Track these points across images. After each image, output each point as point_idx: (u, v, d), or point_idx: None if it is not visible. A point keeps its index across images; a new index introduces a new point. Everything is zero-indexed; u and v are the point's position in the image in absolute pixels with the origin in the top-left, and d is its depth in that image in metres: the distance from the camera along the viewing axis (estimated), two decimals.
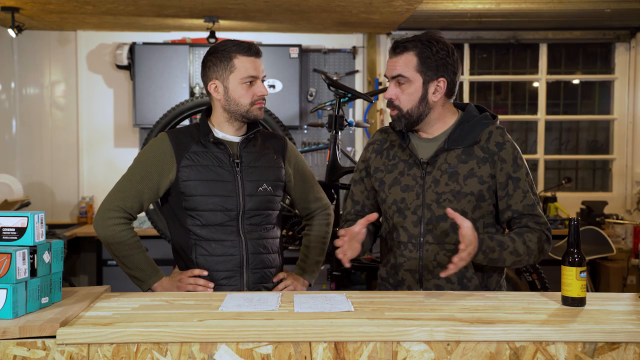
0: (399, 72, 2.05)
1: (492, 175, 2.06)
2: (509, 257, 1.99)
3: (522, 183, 2.07)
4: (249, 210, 2.22)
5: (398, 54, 2.06)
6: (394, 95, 2.07)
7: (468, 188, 2.05)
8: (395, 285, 2.14)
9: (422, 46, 2.04)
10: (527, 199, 2.06)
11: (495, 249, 1.96)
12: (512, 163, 2.07)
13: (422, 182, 2.09)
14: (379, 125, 5.78)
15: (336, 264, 3.82)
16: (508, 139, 2.11)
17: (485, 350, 1.62)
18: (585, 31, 5.88)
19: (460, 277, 2.08)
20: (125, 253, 2.21)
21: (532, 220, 2.06)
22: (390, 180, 2.14)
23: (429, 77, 2.05)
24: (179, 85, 5.42)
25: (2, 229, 1.73)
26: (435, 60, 2.04)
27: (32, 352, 1.58)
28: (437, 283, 2.08)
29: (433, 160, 2.09)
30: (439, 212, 2.06)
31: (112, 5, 4.60)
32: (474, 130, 2.09)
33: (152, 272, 2.24)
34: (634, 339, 1.62)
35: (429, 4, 4.83)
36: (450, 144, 2.08)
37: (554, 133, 6.19)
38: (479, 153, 2.07)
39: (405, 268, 2.11)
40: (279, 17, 5.03)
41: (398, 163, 2.15)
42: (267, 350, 1.61)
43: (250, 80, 2.20)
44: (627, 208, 5.96)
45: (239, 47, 2.20)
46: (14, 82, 5.63)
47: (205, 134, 2.23)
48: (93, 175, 5.71)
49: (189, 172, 2.19)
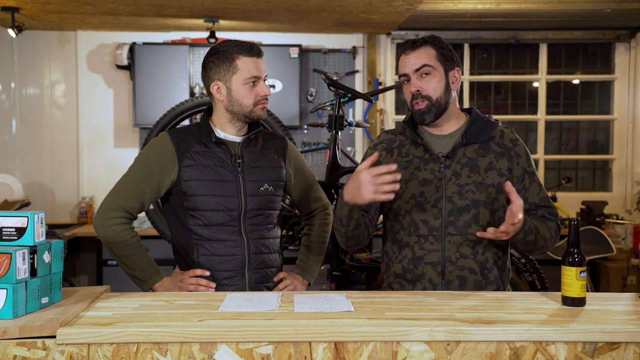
0: (424, 62, 2.12)
1: (510, 169, 2.15)
2: (540, 241, 2.10)
3: (537, 177, 2.19)
4: (250, 210, 2.22)
5: (416, 48, 2.14)
6: (421, 87, 2.13)
7: (489, 180, 2.13)
8: (414, 280, 2.14)
9: (435, 41, 2.16)
10: (542, 191, 2.18)
11: (533, 230, 2.05)
12: (526, 158, 2.19)
13: (441, 176, 2.13)
14: (379, 125, 5.78)
15: (336, 264, 3.82)
16: (518, 137, 2.23)
17: (485, 350, 1.62)
18: (585, 31, 5.88)
19: (482, 268, 2.12)
20: (125, 253, 2.20)
21: (547, 211, 2.17)
22: (406, 176, 2.16)
23: (448, 67, 2.15)
24: (179, 85, 5.42)
25: (2, 229, 1.73)
26: (448, 52, 2.16)
27: (32, 352, 1.58)
28: (459, 274, 2.11)
29: (452, 154, 2.15)
30: (461, 203, 2.11)
31: (112, 5, 4.60)
32: (486, 128, 2.19)
33: (153, 272, 2.23)
34: (634, 339, 1.62)
35: (429, 4, 4.83)
36: (468, 139, 2.16)
37: (554, 133, 6.19)
38: (495, 148, 2.17)
39: (425, 261, 2.12)
40: (279, 17, 5.03)
41: (413, 159, 2.18)
42: (267, 350, 1.61)
43: (253, 81, 2.19)
44: (627, 208, 5.96)
45: (240, 47, 2.19)
46: (14, 82, 5.63)
47: (207, 134, 2.22)
48: (93, 175, 5.71)
49: (191, 171, 2.19)
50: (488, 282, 2.14)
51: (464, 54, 5.98)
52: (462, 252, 2.11)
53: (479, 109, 2.40)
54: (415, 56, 2.13)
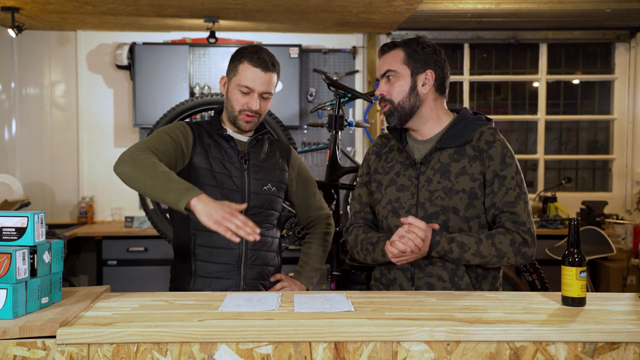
0: (387, 68, 2.13)
1: (482, 173, 2.08)
2: (472, 259, 2.03)
3: (508, 181, 2.07)
4: (252, 207, 2.25)
5: (385, 52, 2.16)
6: (385, 91, 2.13)
7: (460, 185, 2.07)
8: (387, 284, 2.17)
9: (408, 43, 2.13)
10: (508, 196, 2.06)
11: (453, 250, 2.01)
12: (500, 161, 2.08)
13: (417, 182, 2.12)
14: (379, 125, 5.78)
15: (336, 264, 3.82)
16: (499, 138, 2.12)
17: (485, 350, 1.62)
18: (585, 31, 5.88)
19: (452, 276, 2.09)
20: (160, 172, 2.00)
21: (510, 219, 2.06)
22: (386, 181, 2.18)
23: (417, 70, 2.11)
24: (179, 85, 5.42)
25: (2, 229, 1.73)
26: (421, 54, 2.12)
27: (32, 352, 1.58)
28: (428, 281, 2.10)
29: (426, 160, 2.13)
30: (432, 209, 2.08)
31: (112, 5, 4.60)
32: (466, 129, 2.13)
33: (190, 187, 1.98)
34: (634, 339, 1.62)
35: (429, 4, 4.83)
36: (442, 144, 2.12)
37: (554, 133, 6.19)
38: (470, 152, 2.10)
39: (397, 267, 2.13)
40: (279, 17, 5.03)
41: (395, 165, 2.19)
42: (267, 350, 1.61)
43: (245, 91, 2.22)
44: (627, 208, 5.96)
45: (251, 55, 2.22)
46: (14, 82, 5.63)
47: (218, 129, 2.28)
48: (93, 175, 5.71)
49: (201, 159, 2.22)
50: (458, 290, 2.08)
51: (464, 54, 5.98)
52: (431, 259, 2.08)
53: (478, 109, 2.39)
54: (382, 61, 2.15)
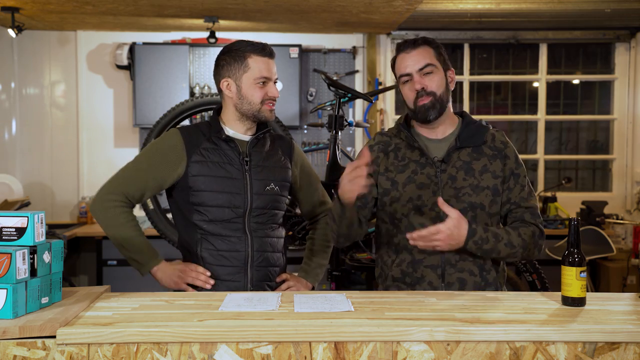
0: (427, 62, 2.14)
1: (502, 170, 2.17)
2: (504, 249, 2.08)
3: (521, 179, 2.19)
4: (255, 208, 2.24)
5: (417, 47, 2.16)
6: (425, 84, 2.14)
7: (485, 182, 2.14)
8: (413, 283, 2.15)
9: (431, 41, 2.18)
10: (523, 192, 2.18)
11: (489, 239, 2.05)
12: (515, 160, 2.20)
13: (437, 180, 2.14)
14: (379, 125, 5.78)
15: (336, 264, 3.82)
16: (508, 140, 2.25)
17: (485, 350, 1.62)
18: (585, 31, 5.88)
19: (481, 270, 2.14)
20: (125, 235, 2.20)
21: (527, 212, 2.16)
22: (403, 179, 2.17)
23: (445, 67, 2.18)
24: (179, 85, 5.42)
25: (2, 229, 1.73)
26: (443, 54, 2.19)
27: (32, 352, 1.58)
28: (459, 276, 2.13)
29: (447, 159, 2.16)
30: (459, 206, 2.10)
31: (112, 5, 4.60)
32: (479, 131, 2.21)
33: (152, 256, 2.24)
34: (634, 339, 1.62)
35: (429, 4, 4.83)
36: (461, 143, 2.17)
37: (554, 133, 6.19)
38: (487, 151, 2.19)
39: (425, 264, 2.13)
40: (279, 17, 5.03)
41: (409, 163, 2.18)
42: (267, 350, 1.61)
43: (263, 81, 2.22)
44: (627, 208, 5.96)
45: (253, 47, 2.22)
46: (14, 82, 5.63)
47: (217, 131, 2.25)
48: (93, 175, 5.71)
49: (199, 167, 2.20)
50: (487, 284, 2.14)
51: (464, 54, 5.98)
52: (461, 255, 2.12)
53: (479, 109, 2.43)
54: (413, 56, 2.14)
